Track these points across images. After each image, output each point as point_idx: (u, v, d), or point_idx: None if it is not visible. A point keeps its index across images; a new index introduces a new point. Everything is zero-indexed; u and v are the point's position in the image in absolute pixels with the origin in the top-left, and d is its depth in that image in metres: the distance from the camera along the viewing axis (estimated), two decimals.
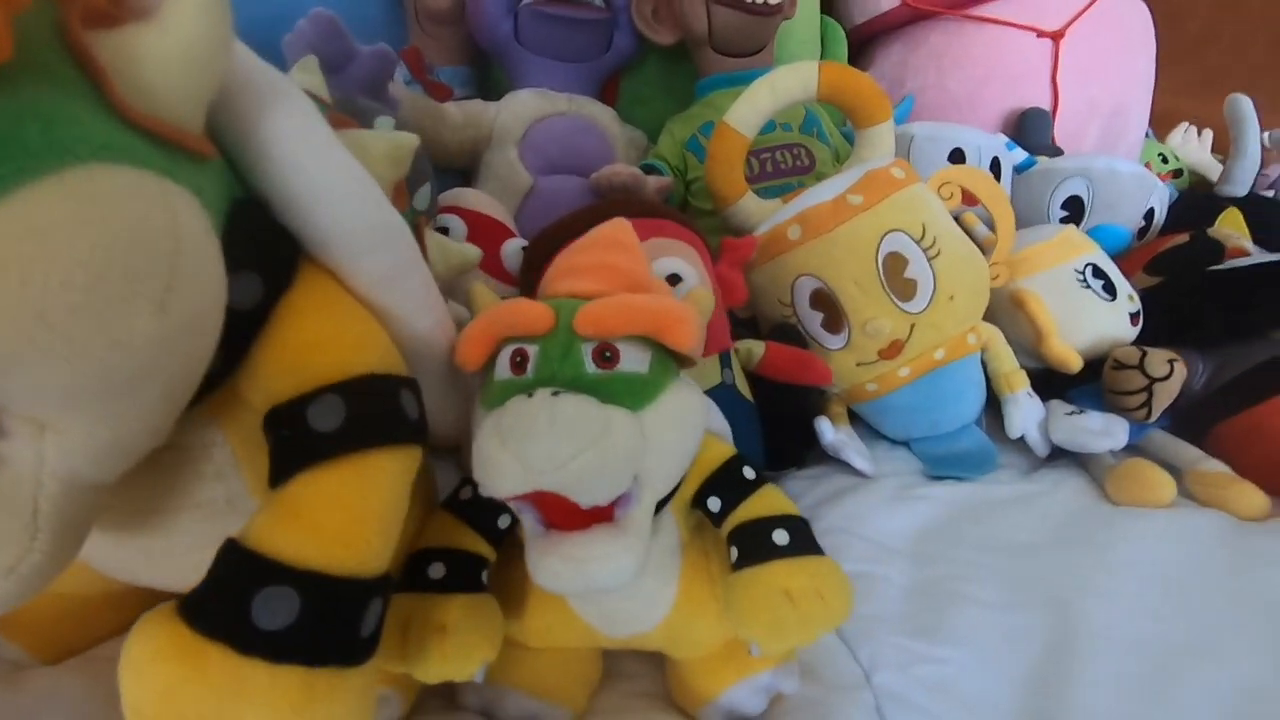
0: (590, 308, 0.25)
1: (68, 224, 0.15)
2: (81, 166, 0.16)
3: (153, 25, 0.18)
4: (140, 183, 0.17)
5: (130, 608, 0.32)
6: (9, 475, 0.18)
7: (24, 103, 0.15)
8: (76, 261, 0.15)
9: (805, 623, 0.26)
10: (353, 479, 0.21)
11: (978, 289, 0.51)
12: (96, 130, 0.16)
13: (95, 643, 0.31)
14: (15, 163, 0.15)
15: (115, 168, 0.16)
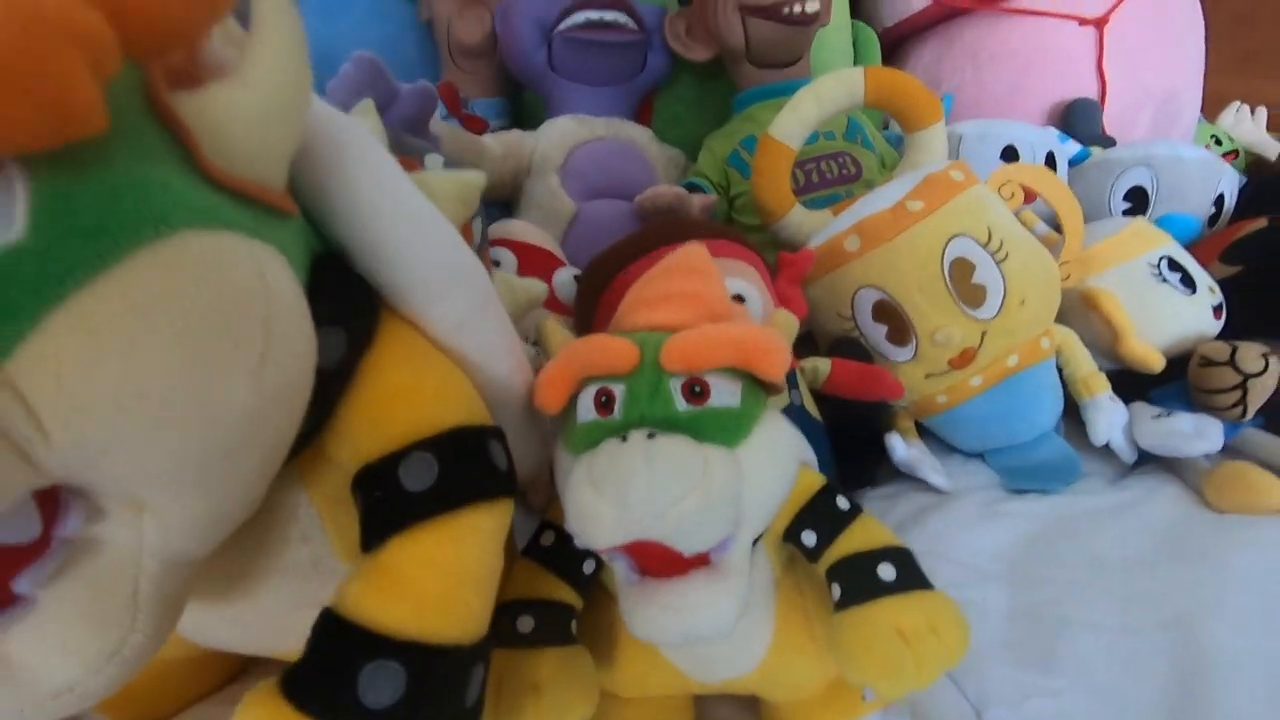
0: (676, 340, 0.24)
1: (165, 297, 0.15)
2: (175, 235, 0.15)
3: (234, 84, 0.17)
4: (232, 247, 0.16)
5: (214, 671, 0.31)
6: (108, 558, 0.17)
7: (119, 174, 0.15)
8: (175, 336, 0.15)
9: (922, 664, 0.24)
10: (448, 541, 0.20)
11: (1049, 291, 0.49)
12: (186, 195, 0.16)
13: (181, 708, 0.30)
14: (113, 238, 0.14)
15: (207, 233, 0.16)
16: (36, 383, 0.14)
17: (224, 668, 0.31)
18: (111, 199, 0.14)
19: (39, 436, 0.14)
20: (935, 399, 0.51)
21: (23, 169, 0.14)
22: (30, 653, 0.17)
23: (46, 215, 0.14)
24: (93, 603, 0.17)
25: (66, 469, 0.15)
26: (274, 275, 0.17)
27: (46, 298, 0.14)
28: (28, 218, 0.14)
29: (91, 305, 0.14)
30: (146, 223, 0.15)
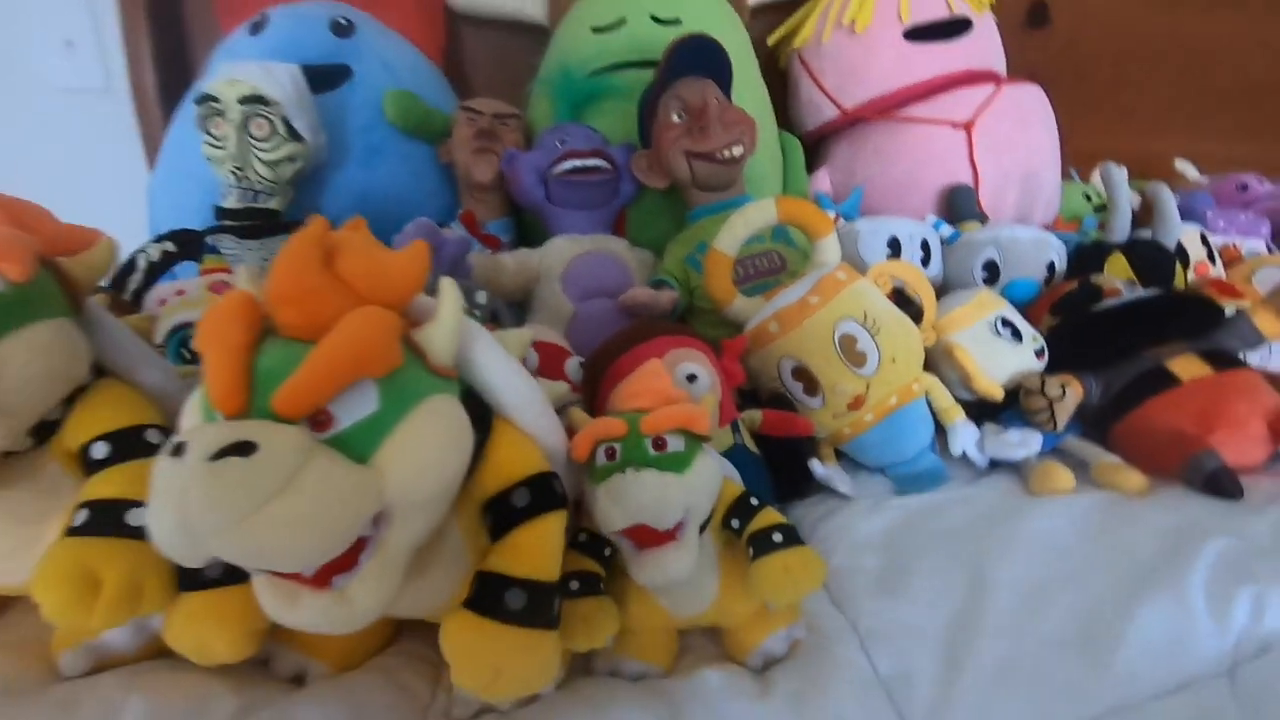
0: (648, 418, 0.45)
1: (430, 426, 0.35)
2: (430, 398, 0.36)
3: (435, 323, 0.38)
4: (448, 400, 0.37)
5: (388, 632, 0.50)
6: (391, 547, 0.37)
7: (407, 374, 0.35)
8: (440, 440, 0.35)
9: (797, 586, 0.44)
10: (539, 531, 0.40)
11: (913, 350, 0.70)
12: (427, 379, 0.36)
13: (367, 657, 0.49)
14: (408, 402, 0.35)
15: (440, 396, 0.36)
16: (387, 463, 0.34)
17: (393, 629, 0.51)
18: (405, 385, 0.35)
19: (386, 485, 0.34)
20: (842, 431, 0.71)
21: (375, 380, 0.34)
22: (356, 591, 0.36)
23: (386, 396, 0.34)
24: (382, 568, 0.36)
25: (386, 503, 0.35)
26: (460, 410, 0.37)
27: (387, 430, 0.34)
28: (378, 402, 0.34)
29: (403, 430, 0.34)
30: (418, 394, 0.35)
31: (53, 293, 0.41)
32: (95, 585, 0.38)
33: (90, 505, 0.41)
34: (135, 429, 0.43)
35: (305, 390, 0.32)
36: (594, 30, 0.99)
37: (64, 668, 0.44)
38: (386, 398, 0.34)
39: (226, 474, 0.29)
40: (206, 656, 0.42)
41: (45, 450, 0.43)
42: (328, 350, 0.32)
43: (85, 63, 1.32)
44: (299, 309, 0.34)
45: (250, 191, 0.83)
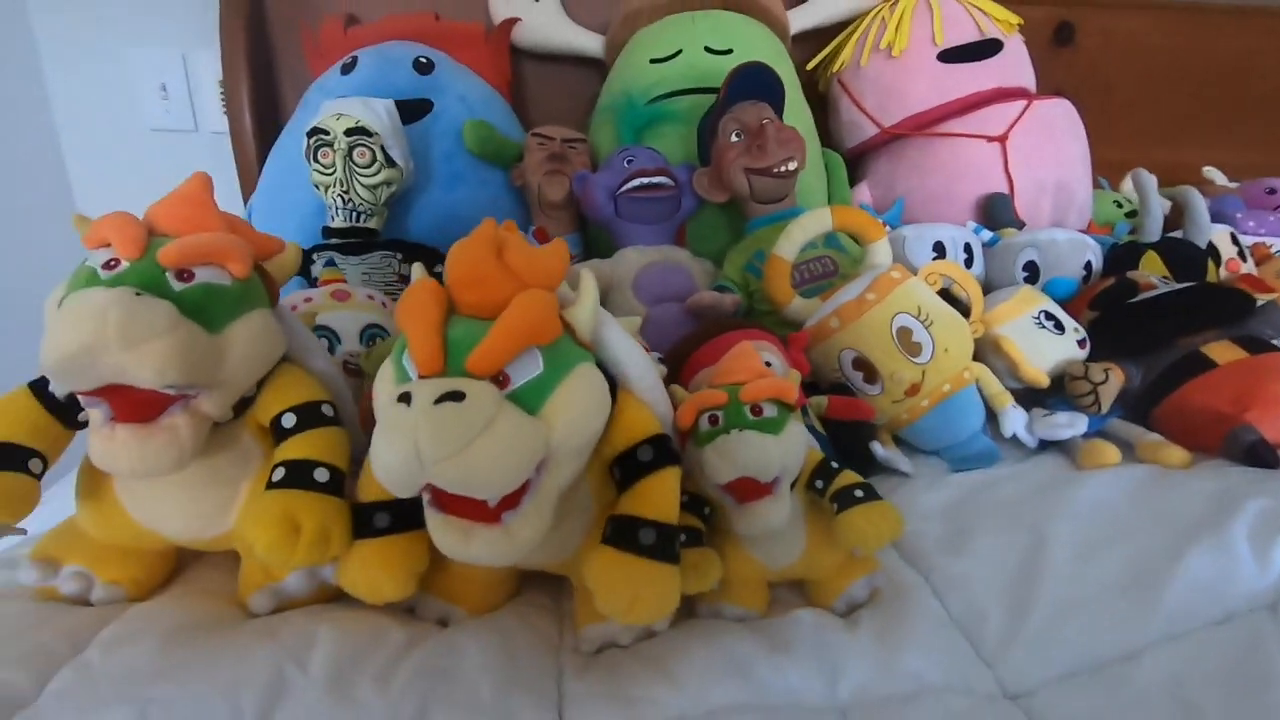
0: (746, 388, 0.52)
1: (582, 389, 0.43)
2: (579, 365, 0.43)
3: (578, 304, 0.46)
4: (595, 369, 0.44)
5: (514, 581, 0.58)
6: (546, 488, 0.44)
7: (563, 344, 0.43)
8: (590, 397, 0.43)
9: (880, 533, 0.51)
10: (663, 481, 0.47)
11: (964, 341, 0.77)
12: (576, 350, 0.44)
13: (496, 606, 0.56)
14: (567, 367, 0.42)
15: (587, 364, 0.44)
16: (550, 416, 0.41)
17: (517, 583, 0.58)
18: (562, 355, 0.43)
19: (551, 435, 0.41)
20: (900, 417, 0.78)
21: (539, 348, 0.42)
22: (519, 527, 0.43)
23: (549, 361, 0.42)
24: (539, 509, 0.44)
25: (549, 451, 0.42)
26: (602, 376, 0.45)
27: (550, 389, 0.42)
28: (542, 365, 0.42)
29: (562, 391, 0.42)
30: (571, 362, 0.43)
31: (260, 289, 0.49)
32: (296, 529, 0.46)
33: (286, 464, 0.49)
34: (315, 403, 0.51)
35: (493, 353, 0.40)
36: (652, 61, 1.08)
37: (253, 606, 0.51)
38: (549, 363, 0.42)
39: (447, 415, 0.36)
40: (376, 595, 0.49)
41: (240, 422, 0.51)
42: (508, 322, 0.40)
43: (178, 106, 1.45)
44: (478, 291, 0.42)
45: (354, 212, 0.92)
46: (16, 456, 0.46)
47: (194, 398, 0.45)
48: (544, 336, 0.42)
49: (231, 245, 0.46)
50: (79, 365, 0.39)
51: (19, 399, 0.48)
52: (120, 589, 0.52)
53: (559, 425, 0.42)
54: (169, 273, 0.44)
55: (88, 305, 0.39)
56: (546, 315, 0.42)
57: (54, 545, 0.52)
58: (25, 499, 0.45)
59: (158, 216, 0.47)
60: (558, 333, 0.43)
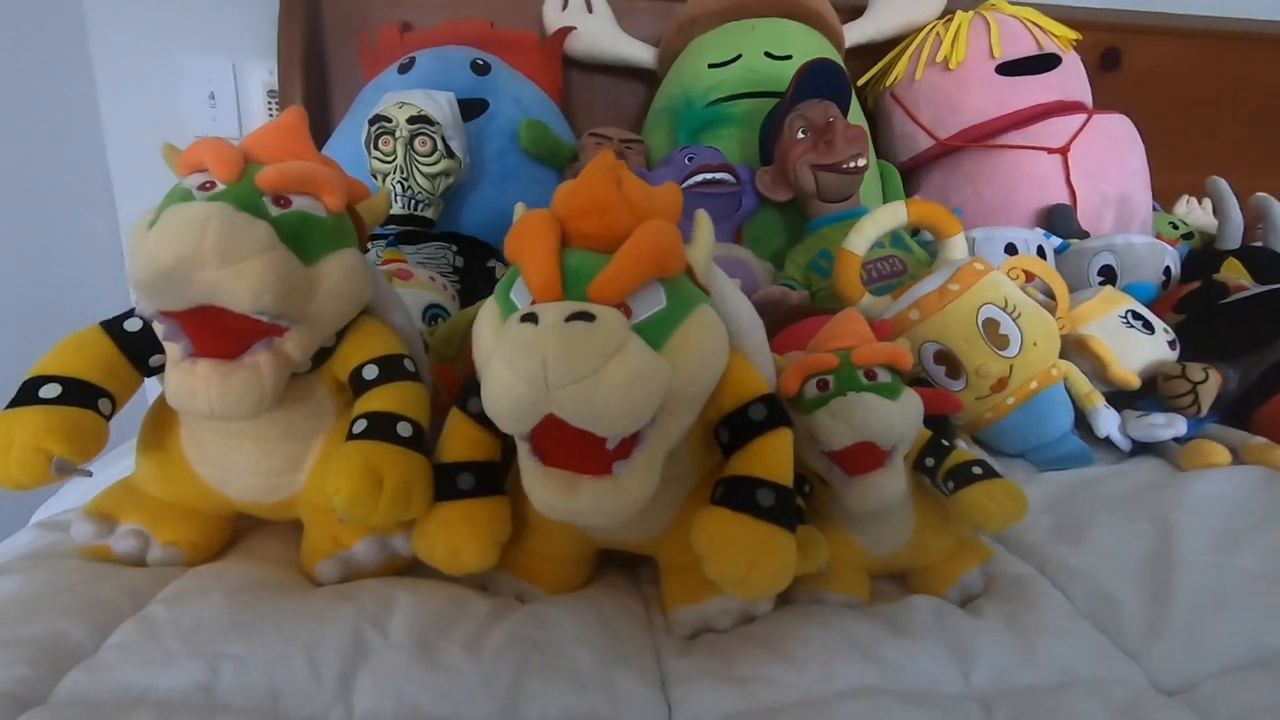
0: (859, 350, 0.49)
1: (704, 329, 0.39)
2: (700, 306, 0.40)
3: (694, 244, 0.43)
4: (710, 310, 0.41)
5: (592, 564, 0.53)
6: (657, 440, 0.40)
7: (682, 284, 0.40)
8: (711, 339, 0.39)
9: (1004, 511, 0.46)
10: (778, 441, 0.44)
11: (1051, 336, 0.73)
12: (697, 290, 0.41)
13: (578, 587, 0.52)
14: (688, 306, 0.39)
15: (705, 305, 0.41)
16: (672, 355, 0.38)
17: (594, 565, 0.54)
18: (684, 291, 0.40)
19: (673, 373, 0.38)
20: (984, 415, 0.74)
21: (661, 282, 0.39)
22: (628, 480, 0.40)
23: (672, 296, 0.39)
24: (650, 462, 0.40)
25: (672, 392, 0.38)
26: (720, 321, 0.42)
27: (675, 326, 0.38)
28: (666, 300, 0.39)
29: (684, 330, 0.39)
30: (693, 300, 0.40)
31: (351, 228, 0.47)
32: (379, 482, 0.43)
33: (368, 416, 0.45)
34: (397, 356, 0.48)
35: (618, 280, 0.37)
36: (710, 66, 1.08)
37: (320, 574, 0.47)
38: (672, 299, 0.39)
39: (577, 333, 0.33)
40: (455, 563, 0.45)
41: (317, 375, 0.48)
42: (635, 248, 0.37)
43: (224, 114, 1.46)
44: (598, 220, 0.39)
45: (412, 200, 0.91)
46: (88, 394, 0.42)
47: (278, 336, 0.42)
48: (669, 269, 0.39)
49: (328, 176, 0.44)
50: (174, 280, 0.36)
51: (91, 337, 0.45)
52: (178, 550, 0.48)
53: (681, 366, 0.38)
54: (266, 197, 0.41)
55: (186, 217, 0.37)
56: (672, 245, 0.39)
57: (110, 502, 0.49)
58: (95, 437, 0.42)
59: (254, 145, 0.44)
60: (681, 266, 0.40)
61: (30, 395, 0.41)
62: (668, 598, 0.49)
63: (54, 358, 0.43)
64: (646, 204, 0.41)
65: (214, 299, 0.38)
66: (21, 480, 0.40)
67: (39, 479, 0.40)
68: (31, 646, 0.36)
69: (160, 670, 0.36)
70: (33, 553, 0.48)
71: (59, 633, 0.37)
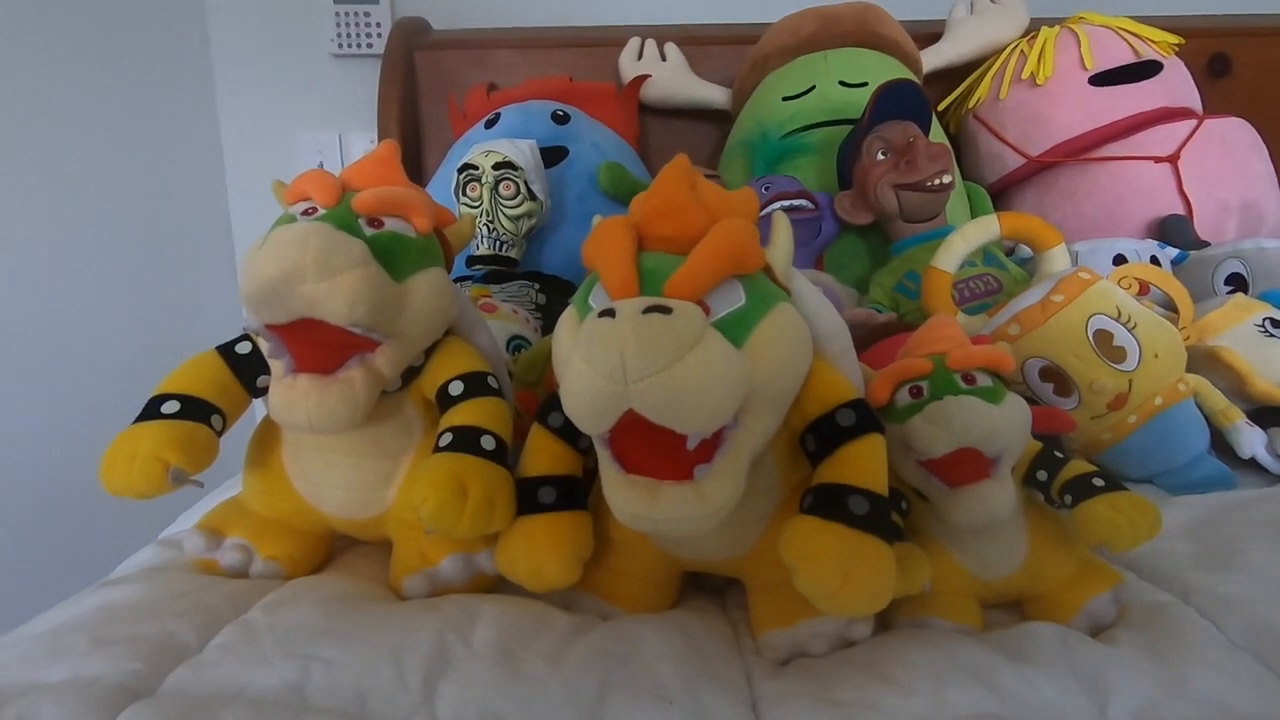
0: (955, 353, 0.46)
1: (786, 325, 0.38)
2: (780, 304, 0.39)
3: (773, 245, 0.42)
4: (791, 308, 0.40)
5: (676, 585, 0.51)
6: (737, 445, 0.39)
7: (760, 282, 0.39)
8: (791, 338, 0.38)
9: (1134, 528, 0.42)
10: (870, 447, 0.41)
11: (1175, 347, 0.67)
12: (776, 289, 0.40)
13: (662, 609, 0.50)
14: (768, 304, 0.38)
15: (785, 303, 0.40)
16: (753, 354, 0.37)
17: (679, 588, 0.52)
18: (764, 289, 0.39)
19: (754, 375, 0.37)
20: (1100, 437, 0.67)
21: (740, 280, 0.38)
22: (711, 486, 0.38)
23: (750, 294, 0.38)
24: (733, 467, 0.39)
25: (754, 391, 0.37)
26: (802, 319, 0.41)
27: (755, 323, 0.37)
28: (745, 297, 0.38)
29: (764, 327, 0.38)
30: (773, 298, 0.39)
31: (438, 249, 0.49)
32: (464, 493, 0.43)
33: (453, 430, 0.46)
34: (481, 373, 0.49)
35: (695, 277, 0.36)
36: (785, 99, 1.09)
37: (408, 589, 0.48)
38: (751, 296, 0.38)
39: (656, 324, 0.33)
40: (538, 578, 0.45)
41: (405, 393, 0.50)
42: (712, 244, 0.37)
43: None
44: (674, 222, 0.39)
45: (497, 241, 0.95)
46: (202, 409, 0.46)
47: (371, 352, 0.44)
48: (747, 265, 0.38)
49: (417, 199, 0.46)
50: (278, 293, 0.39)
51: (207, 359, 0.48)
52: (278, 565, 0.50)
53: (762, 364, 0.37)
54: (361, 219, 0.44)
55: (290, 234, 0.39)
56: (749, 242, 0.38)
57: (218, 518, 0.51)
58: (207, 450, 0.45)
59: (352, 175, 0.48)
60: (760, 264, 0.39)
61: (153, 411, 0.45)
62: (756, 620, 0.47)
63: (175, 377, 0.47)
64: (722, 205, 0.41)
65: (313, 311, 0.40)
66: (143, 489, 0.42)
67: (158, 487, 0.43)
68: (144, 644, 0.38)
69: (256, 669, 0.36)
70: (152, 566, 0.51)
71: (169, 633, 0.39)
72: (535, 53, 1.37)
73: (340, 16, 1.48)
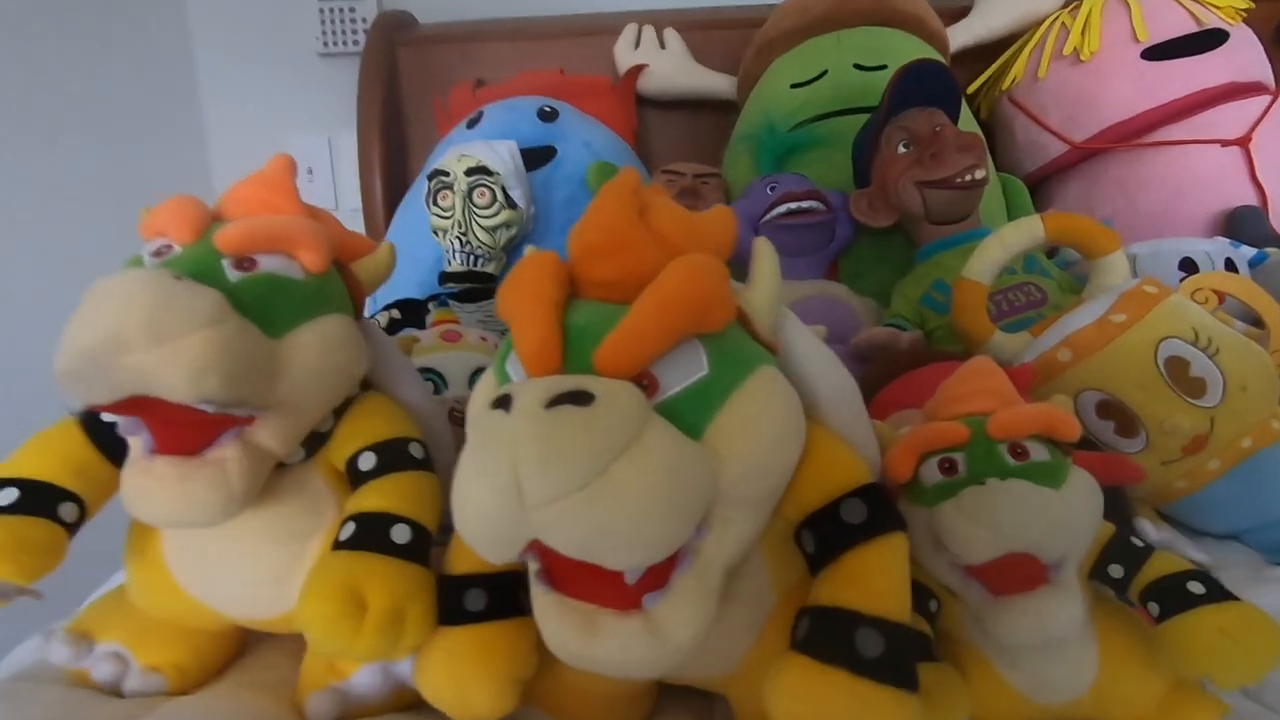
0: (999, 416, 0.35)
1: (767, 400, 0.28)
2: (761, 367, 0.29)
3: (753, 284, 0.32)
4: (776, 374, 0.30)
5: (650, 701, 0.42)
6: (705, 559, 0.29)
7: (734, 339, 0.29)
8: (776, 415, 0.28)
9: (1250, 655, 0.31)
10: (886, 553, 0.31)
11: (1268, 377, 0.55)
12: (755, 347, 0.30)
13: None
14: (743, 369, 0.28)
15: (768, 367, 0.29)
16: (720, 442, 0.27)
17: (653, 703, 0.42)
18: (736, 350, 0.28)
19: (721, 471, 0.27)
20: (1173, 485, 0.56)
21: (702, 339, 0.28)
22: (668, 617, 0.28)
23: (716, 359, 0.28)
24: (700, 588, 0.29)
25: (722, 492, 0.27)
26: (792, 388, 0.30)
27: (722, 400, 0.27)
28: (708, 364, 0.28)
29: (737, 403, 0.27)
30: (749, 362, 0.29)
31: (341, 291, 0.39)
32: (362, 605, 0.34)
33: (357, 519, 0.37)
34: (401, 440, 0.40)
35: (632, 342, 0.26)
36: (793, 86, 0.98)
37: (310, 710, 0.39)
38: (717, 362, 0.28)
39: (566, 423, 0.23)
40: (464, 708, 0.35)
41: (312, 464, 0.40)
42: (661, 293, 0.27)
43: (321, 186, 1.51)
44: (616, 262, 0.29)
45: (471, 255, 0.85)
46: (45, 499, 0.37)
47: (247, 424, 0.35)
48: (710, 320, 0.28)
49: (305, 230, 0.37)
50: (94, 366, 0.30)
51: (60, 432, 0.39)
52: (160, 677, 0.41)
53: (732, 457, 0.27)
54: (226, 260, 0.34)
55: (110, 290, 0.30)
56: (714, 289, 0.28)
57: (93, 617, 0.43)
58: (48, 552, 0.36)
59: (228, 202, 0.38)
60: (729, 317, 0.29)
61: None
62: None
63: (18, 456, 0.38)
64: (683, 235, 0.30)
65: (146, 388, 0.31)
66: None
67: None
68: None
69: None
70: (24, 673, 0.43)
71: None
72: (526, 45, 1.27)
73: (324, 14, 1.40)
